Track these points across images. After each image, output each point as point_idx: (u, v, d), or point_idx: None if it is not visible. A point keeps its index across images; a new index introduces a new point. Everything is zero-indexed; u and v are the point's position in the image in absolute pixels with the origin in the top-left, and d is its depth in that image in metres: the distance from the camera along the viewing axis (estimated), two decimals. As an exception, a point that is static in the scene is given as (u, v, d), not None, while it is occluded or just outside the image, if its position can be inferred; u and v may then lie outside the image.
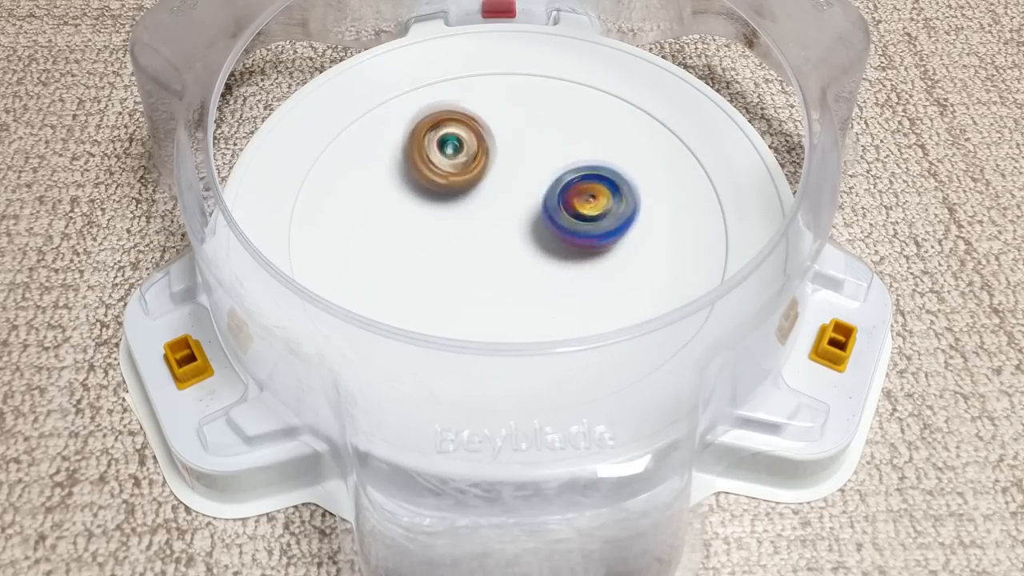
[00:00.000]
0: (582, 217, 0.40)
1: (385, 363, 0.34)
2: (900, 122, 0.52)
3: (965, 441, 0.40)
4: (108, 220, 0.47)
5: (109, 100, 0.53)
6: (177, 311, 0.41)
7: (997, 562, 0.36)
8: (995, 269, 0.46)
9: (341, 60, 0.52)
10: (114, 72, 0.54)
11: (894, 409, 0.41)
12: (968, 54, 0.56)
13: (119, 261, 0.45)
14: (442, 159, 0.42)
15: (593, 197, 0.40)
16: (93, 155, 0.50)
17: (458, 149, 0.42)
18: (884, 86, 0.54)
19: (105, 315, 0.43)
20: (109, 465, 0.39)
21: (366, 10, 0.53)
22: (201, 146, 0.39)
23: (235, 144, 0.50)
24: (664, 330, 0.34)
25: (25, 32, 0.57)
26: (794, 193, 0.40)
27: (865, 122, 0.52)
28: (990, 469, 0.39)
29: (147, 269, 0.45)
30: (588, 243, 0.41)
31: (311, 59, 0.55)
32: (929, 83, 0.54)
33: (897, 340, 0.43)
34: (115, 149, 0.50)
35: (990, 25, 0.57)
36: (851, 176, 0.49)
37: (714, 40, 0.56)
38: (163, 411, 0.38)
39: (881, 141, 0.51)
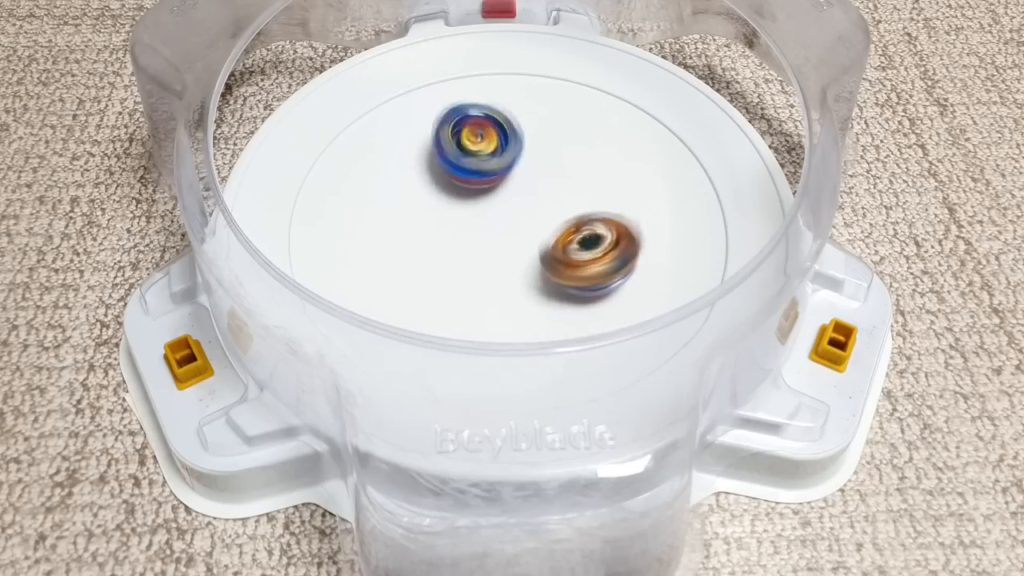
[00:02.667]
0: (471, 153, 0.42)
1: (385, 363, 0.34)
2: (900, 122, 0.52)
3: (965, 441, 0.40)
4: (108, 220, 0.47)
5: (109, 100, 0.53)
6: (177, 311, 0.41)
7: (997, 562, 0.36)
8: (995, 269, 0.46)
9: (341, 60, 0.52)
10: (114, 72, 0.54)
11: (894, 409, 0.41)
12: (968, 54, 0.56)
13: (119, 261, 0.45)
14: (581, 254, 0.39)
15: (483, 136, 0.42)
16: (93, 155, 0.50)
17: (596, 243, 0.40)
18: (884, 86, 0.54)
19: (105, 315, 0.43)
20: (109, 465, 0.39)
21: (366, 10, 0.53)
22: (201, 146, 0.39)
23: (235, 144, 0.50)
24: (664, 330, 0.34)
25: (25, 32, 0.57)
26: (794, 193, 0.40)
27: (865, 122, 0.52)
28: (990, 469, 0.39)
29: (147, 269, 0.45)
30: (475, 180, 0.43)
31: (311, 59, 0.55)
32: (929, 83, 0.54)
33: (897, 340, 0.43)
34: (115, 149, 0.50)
35: (990, 25, 0.57)
36: (851, 176, 0.49)
37: (714, 40, 0.56)
38: (163, 411, 0.38)
39: (881, 141, 0.51)
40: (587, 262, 0.38)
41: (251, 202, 0.42)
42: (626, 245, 0.39)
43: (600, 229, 0.39)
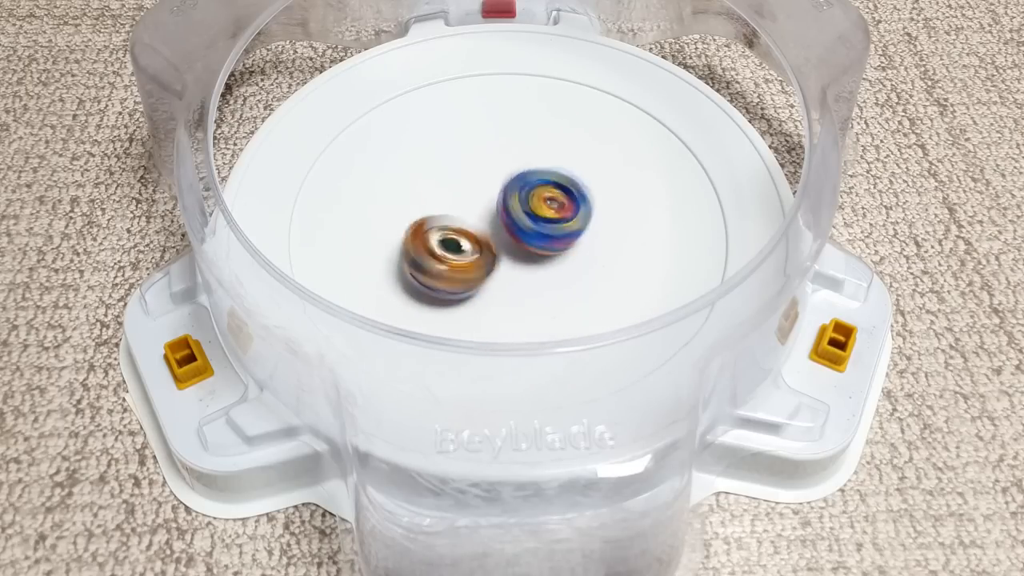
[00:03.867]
0: (556, 221, 0.40)
1: (385, 363, 0.34)
2: (900, 122, 0.52)
3: (965, 441, 0.40)
4: (108, 220, 0.47)
5: (109, 100, 0.53)
6: (177, 311, 0.41)
7: (997, 562, 0.36)
8: (995, 269, 0.46)
9: (341, 60, 0.52)
10: (114, 72, 0.54)
11: (894, 409, 0.41)
12: (968, 54, 0.56)
13: (119, 261, 0.45)
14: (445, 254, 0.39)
15: (553, 200, 0.40)
16: (93, 155, 0.50)
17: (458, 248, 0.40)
18: (884, 86, 0.54)
19: (105, 315, 0.43)
20: (109, 465, 0.39)
21: (366, 10, 0.53)
22: (201, 146, 0.39)
23: (235, 144, 0.50)
24: (664, 330, 0.34)
25: (25, 32, 0.57)
26: (794, 193, 0.40)
27: (865, 122, 0.52)
28: (990, 469, 0.39)
29: (147, 269, 0.45)
30: (560, 244, 0.41)
31: (311, 59, 0.55)
32: (929, 83, 0.54)
33: (897, 340, 0.43)
34: (115, 149, 0.50)
35: (990, 25, 0.57)
36: (851, 176, 0.49)
37: (714, 40, 0.56)
38: (163, 411, 0.38)
39: (881, 141, 0.51)
40: (457, 267, 0.38)
41: (251, 202, 0.42)
42: (489, 258, 0.39)
43: (460, 239, 0.39)
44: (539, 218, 0.40)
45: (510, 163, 0.44)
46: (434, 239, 0.39)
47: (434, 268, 0.38)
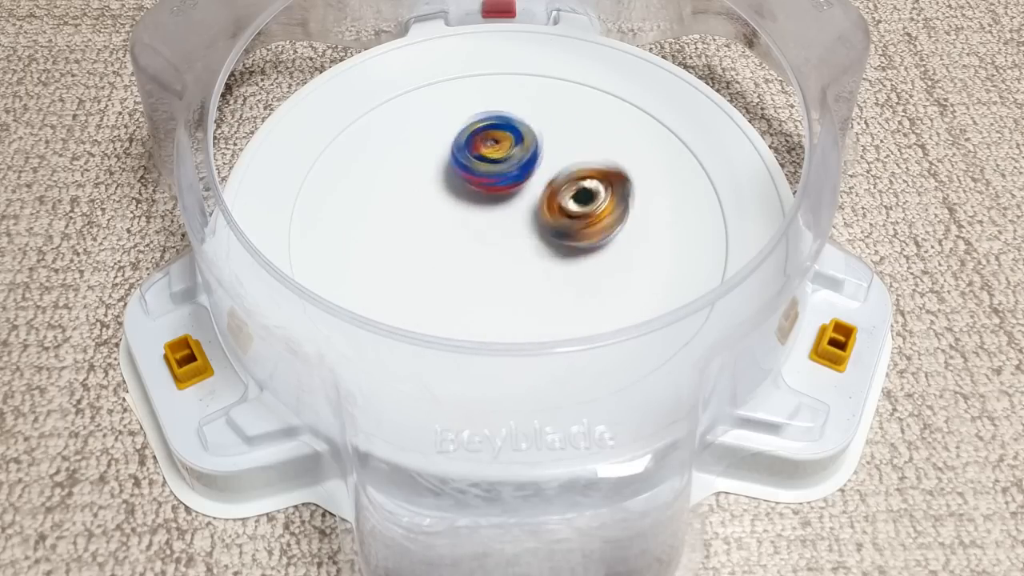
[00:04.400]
0: (487, 160, 0.42)
1: (385, 363, 0.34)
2: (900, 122, 0.52)
3: (965, 441, 0.40)
4: (108, 220, 0.47)
5: (109, 100, 0.53)
6: (177, 311, 0.41)
7: (997, 562, 0.36)
8: (995, 269, 0.46)
9: (341, 60, 0.52)
10: (114, 72, 0.54)
11: (894, 409, 0.41)
12: (968, 54, 0.56)
13: (119, 261, 0.45)
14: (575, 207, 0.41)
15: (496, 142, 0.43)
16: (93, 155, 0.50)
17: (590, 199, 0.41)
18: (884, 86, 0.54)
19: (105, 315, 0.43)
20: (109, 465, 0.39)
21: (366, 10, 0.53)
22: (201, 146, 0.39)
23: (235, 144, 0.50)
24: (664, 330, 0.34)
25: (25, 32, 0.57)
26: (794, 193, 0.40)
27: (865, 122, 0.52)
28: (990, 469, 0.39)
29: (147, 269, 0.45)
30: (494, 185, 0.43)
31: (311, 59, 0.55)
32: (929, 83, 0.54)
33: (897, 340, 0.43)
34: (115, 149, 0.50)
35: (990, 25, 0.57)
36: (851, 176, 0.49)
37: (714, 40, 0.56)
38: (163, 411, 0.38)
39: (881, 141, 0.51)
40: (593, 218, 0.40)
41: (251, 202, 0.42)
42: (621, 186, 0.40)
43: (590, 184, 0.40)
44: (471, 152, 0.42)
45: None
46: (566, 198, 0.40)
47: (577, 229, 0.40)
